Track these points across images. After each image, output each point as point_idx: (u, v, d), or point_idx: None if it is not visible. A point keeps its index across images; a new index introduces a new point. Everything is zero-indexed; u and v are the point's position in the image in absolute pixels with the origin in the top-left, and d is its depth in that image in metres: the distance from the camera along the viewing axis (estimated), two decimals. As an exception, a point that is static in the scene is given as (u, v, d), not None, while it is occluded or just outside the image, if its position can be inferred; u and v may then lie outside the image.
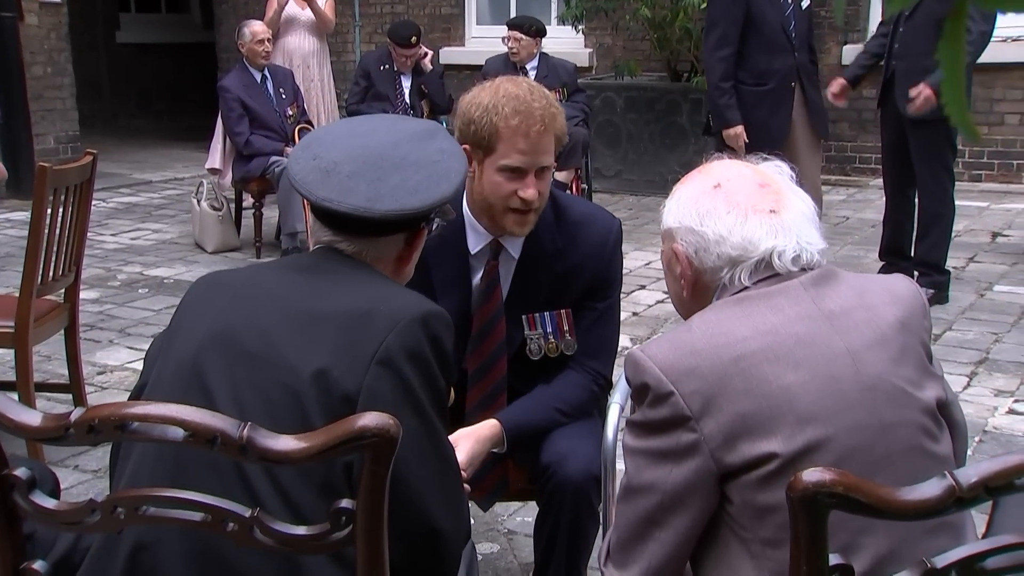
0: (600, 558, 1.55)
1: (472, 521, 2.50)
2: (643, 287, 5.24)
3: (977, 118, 7.25)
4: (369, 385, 1.41)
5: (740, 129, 4.90)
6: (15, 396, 3.01)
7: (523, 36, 6.46)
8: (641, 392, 1.41)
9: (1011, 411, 3.65)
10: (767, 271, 1.45)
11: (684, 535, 1.41)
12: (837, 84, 5.01)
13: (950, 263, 5.00)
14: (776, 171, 1.52)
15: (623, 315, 4.72)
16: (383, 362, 1.42)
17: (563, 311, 2.15)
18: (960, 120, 0.62)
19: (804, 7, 5.06)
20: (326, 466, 1.39)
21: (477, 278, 2.15)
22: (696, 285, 1.50)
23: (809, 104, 5.02)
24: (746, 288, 1.44)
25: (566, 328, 2.15)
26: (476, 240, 2.12)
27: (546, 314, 2.14)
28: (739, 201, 1.45)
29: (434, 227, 1.67)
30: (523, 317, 2.14)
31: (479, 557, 2.40)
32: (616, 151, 7.91)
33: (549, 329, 2.15)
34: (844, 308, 1.43)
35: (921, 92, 4.46)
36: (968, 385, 3.89)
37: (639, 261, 5.71)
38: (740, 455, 1.35)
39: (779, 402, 1.35)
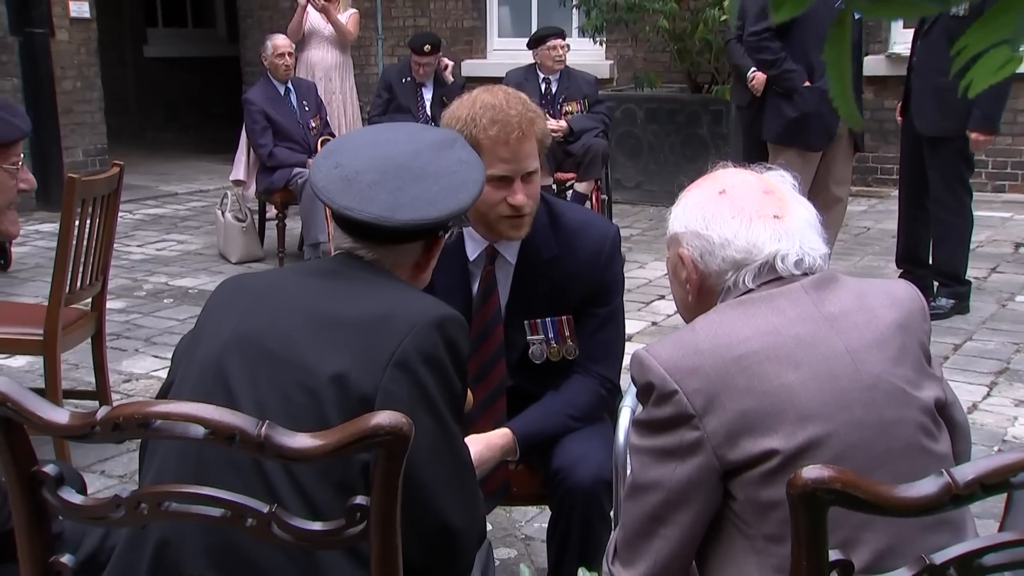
0: (607, 556, 1.57)
1: (490, 526, 2.54)
2: (662, 297, 5.26)
3: (1002, 129, 7.21)
4: (386, 387, 1.44)
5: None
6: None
7: (565, 43, 6.64)
8: (646, 391, 1.44)
9: (1031, 421, 3.65)
10: (770, 274, 1.48)
11: (689, 531, 1.44)
12: None
13: (971, 273, 4.99)
14: (779, 179, 1.55)
15: (642, 325, 4.78)
16: (400, 364, 1.45)
17: (564, 317, 2.18)
18: (845, 111, 0.67)
19: (856, 17, 5.03)
20: (344, 465, 1.42)
21: (476, 284, 2.18)
22: (701, 288, 1.53)
23: None
24: (750, 291, 1.47)
25: (567, 333, 2.18)
26: (474, 247, 2.16)
27: (547, 320, 2.18)
28: (744, 206, 1.49)
29: (451, 235, 1.70)
30: (525, 322, 2.18)
31: (496, 562, 2.43)
32: (637, 162, 7.93)
33: (551, 334, 2.18)
34: (844, 310, 1.45)
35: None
36: (988, 395, 3.88)
37: (658, 271, 5.72)
38: (742, 452, 1.38)
39: (780, 400, 1.37)
